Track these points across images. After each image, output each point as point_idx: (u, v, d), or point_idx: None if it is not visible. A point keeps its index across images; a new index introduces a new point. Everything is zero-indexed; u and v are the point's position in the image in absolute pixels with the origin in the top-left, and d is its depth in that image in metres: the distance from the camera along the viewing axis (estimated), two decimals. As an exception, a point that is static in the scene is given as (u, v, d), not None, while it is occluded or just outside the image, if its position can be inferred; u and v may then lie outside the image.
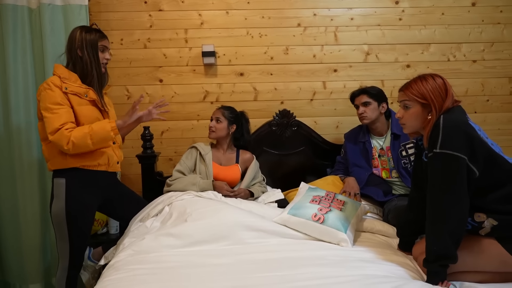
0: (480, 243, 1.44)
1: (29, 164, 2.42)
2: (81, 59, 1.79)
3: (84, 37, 1.79)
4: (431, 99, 1.49)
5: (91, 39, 1.80)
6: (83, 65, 1.80)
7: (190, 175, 2.18)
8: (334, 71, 2.73)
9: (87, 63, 1.79)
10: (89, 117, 1.79)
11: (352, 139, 2.38)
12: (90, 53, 1.79)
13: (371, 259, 1.55)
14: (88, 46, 1.79)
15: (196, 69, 2.67)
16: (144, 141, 2.44)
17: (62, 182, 1.81)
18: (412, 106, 1.54)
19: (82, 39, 1.78)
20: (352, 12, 2.71)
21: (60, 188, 1.81)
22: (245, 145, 2.38)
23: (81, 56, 1.79)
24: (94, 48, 1.80)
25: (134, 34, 2.62)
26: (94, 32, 1.82)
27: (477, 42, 2.78)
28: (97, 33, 1.83)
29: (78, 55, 1.79)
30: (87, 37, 1.79)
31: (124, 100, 2.63)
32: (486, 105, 2.83)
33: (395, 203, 2.08)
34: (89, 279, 2.08)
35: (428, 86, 1.51)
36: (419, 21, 2.74)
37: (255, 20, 2.66)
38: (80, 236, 1.86)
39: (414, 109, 1.54)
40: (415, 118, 1.54)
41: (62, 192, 1.80)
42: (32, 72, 2.43)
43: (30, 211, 2.44)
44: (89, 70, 1.80)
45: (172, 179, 2.16)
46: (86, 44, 1.78)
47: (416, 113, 1.54)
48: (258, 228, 1.73)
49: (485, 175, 1.41)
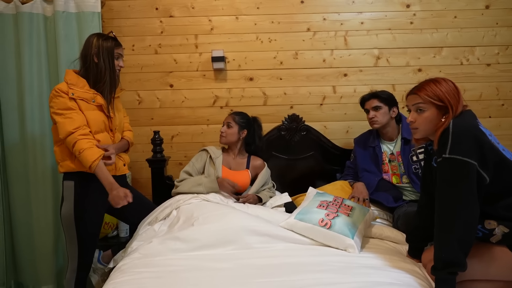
0: (491, 251, 1.41)
1: (43, 170, 2.47)
2: (96, 66, 1.82)
3: (101, 44, 1.81)
4: (448, 100, 1.45)
5: (108, 46, 1.82)
6: (97, 72, 1.82)
7: (196, 176, 2.19)
8: (344, 75, 2.72)
9: (101, 70, 1.82)
10: (95, 121, 1.82)
11: (361, 144, 2.36)
12: (106, 60, 1.81)
13: (378, 265, 1.52)
14: (104, 53, 1.81)
15: (206, 74, 2.69)
16: (154, 145, 2.46)
17: (71, 184, 1.84)
18: (427, 109, 1.50)
19: (99, 46, 1.80)
20: (362, 16, 2.69)
21: (69, 191, 1.84)
22: (256, 151, 2.37)
23: (96, 63, 1.81)
24: (111, 56, 1.83)
25: (145, 40, 2.66)
26: (111, 39, 1.85)
27: (491, 45, 2.72)
28: (114, 41, 1.86)
29: (93, 61, 1.81)
30: (104, 44, 1.81)
31: (135, 105, 2.68)
32: (501, 110, 2.76)
33: (405, 209, 2.05)
34: (98, 281, 2.10)
35: (443, 88, 1.48)
36: (430, 24, 2.70)
37: (265, 25, 2.67)
38: (89, 238, 1.89)
39: (429, 112, 1.50)
40: (430, 122, 1.50)
41: (71, 194, 1.83)
42: (47, 78, 2.49)
43: (43, 215, 2.50)
44: (102, 76, 1.83)
45: (178, 180, 2.19)
46: (102, 51, 1.80)
47: (431, 116, 1.49)
48: (265, 233, 1.72)
49: (496, 181, 1.37)
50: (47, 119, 2.47)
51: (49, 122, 2.47)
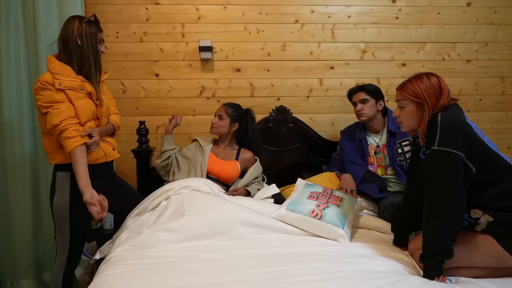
0: (476, 239, 1.47)
1: (21, 158, 2.39)
2: (80, 48, 1.74)
3: (84, 26, 1.75)
4: (424, 98, 1.52)
5: (91, 29, 1.76)
6: (82, 55, 1.75)
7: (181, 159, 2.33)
8: (331, 68, 2.74)
9: (86, 53, 1.75)
10: (85, 111, 1.76)
11: (348, 136, 2.39)
12: (89, 42, 1.75)
13: (369, 254, 1.56)
14: (88, 36, 1.74)
15: (193, 64, 2.65)
16: (140, 135, 2.41)
17: (66, 175, 1.77)
18: (407, 105, 1.58)
19: (82, 28, 1.74)
20: (349, 10, 2.71)
21: (64, 182, 1.77)
22: (249, 144, 2.36)
23: (80, 46, 1.74)
24: (94, 38, 1.77)
25: (130, 28, 2.59)
26: (92, 22, 1.79)
27: (472, 42, 2.81)
28: (96, 24, 1.80)
29: (77, 43, 1.73)
30: (87, 26, 1.75)
31: (120, 94, 2.61)
32: (479, 104, 2.87)
33: (390, 199, 2.10)
34: (82, 274, 2.06)
35: (422, 85, 1.55)
36: (415, 20, 2.76)
37: (253, 16, 2.65)
38: (81, 230, 1.85)
39: (409, 108, 1.58)
40: (410, 117, 1.58)
41: (67, 185, 1.76)
42: (26, 64, 2.39)
43: (22, 206, 2.41)
44: (87, 59, 1.76)
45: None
46: (86, 33, 1.74)
47: (411, 112, 1.57)
48: (256, 224, 1.73)
49: (482, 172, 1.43)
50: (25, 106, 2.38)
51: (27, 109, 2.39)
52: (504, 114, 2.89)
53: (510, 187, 1.43)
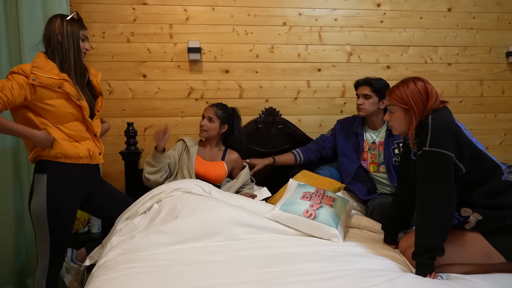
0: (465, 237, 1.52)
1: (2, 158, 2.30)
2: (61, 46, 1.73)
3: (66, 24, 1.73)
4: (410, 104, 1.56)
5: (72, 26, 1.75)
6: (63, 52, 1.74)
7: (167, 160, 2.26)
8: (318, 70, 2.78)
9: (66, 49, 1.74)
10: (59, 112, 1.72)
11: (345, 129, 2.39)
12: (70, 40, 1.74)
13: (363, 253, 1.59)
14: (69, 33, 1.73)
15: (181, 65, 2.63)
16: (128, 137, 2.38)
17: (43, 177, 1.73)
18: (396, 111, 1.62)
19: (64, 26, 1.73)
20: (336, 13, 2.76)
21: (41, 184, 1.73)
22: (235, 143, 2.36)
23: (61, 42, 1.73)
24: (76, 36, 1.75)
25: (117, 28, 2.55)
26: (75, 20, 1.78)
27: (452, 46, 2.91)
28: (78, 22, 1.78)
29: (58, 41, 1.73)
30: (68, 24, 1.74)
31: (106, 95, 2.55)
32: (459, 106, 2.97)
33: (378, 200, 2.14)
34: (72, 281, 2.00)
35: (408, 91, 1.57)
36: (399, 24, 2.83)
37: (241, 18, 2.66)
38: (62, 234, 1.80)
39: (397, 113, 1.62)
40: (400, 122, 1.62)
41: (43, 188, 1.72)
42: (7, 63, 2.30)
43: (3, 209, 2.32)
44: (67, 56, 1.74)
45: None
46: (67, 31, 1.73)
47: (399, 117, 1.62)
48: (250, 224, 1.73)
49: (471, 172, 1.48)
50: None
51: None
52: (483, 116, 3.00)
53: (497, 186, 1.49)
